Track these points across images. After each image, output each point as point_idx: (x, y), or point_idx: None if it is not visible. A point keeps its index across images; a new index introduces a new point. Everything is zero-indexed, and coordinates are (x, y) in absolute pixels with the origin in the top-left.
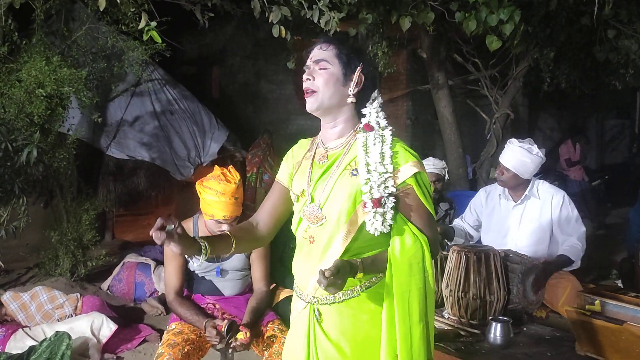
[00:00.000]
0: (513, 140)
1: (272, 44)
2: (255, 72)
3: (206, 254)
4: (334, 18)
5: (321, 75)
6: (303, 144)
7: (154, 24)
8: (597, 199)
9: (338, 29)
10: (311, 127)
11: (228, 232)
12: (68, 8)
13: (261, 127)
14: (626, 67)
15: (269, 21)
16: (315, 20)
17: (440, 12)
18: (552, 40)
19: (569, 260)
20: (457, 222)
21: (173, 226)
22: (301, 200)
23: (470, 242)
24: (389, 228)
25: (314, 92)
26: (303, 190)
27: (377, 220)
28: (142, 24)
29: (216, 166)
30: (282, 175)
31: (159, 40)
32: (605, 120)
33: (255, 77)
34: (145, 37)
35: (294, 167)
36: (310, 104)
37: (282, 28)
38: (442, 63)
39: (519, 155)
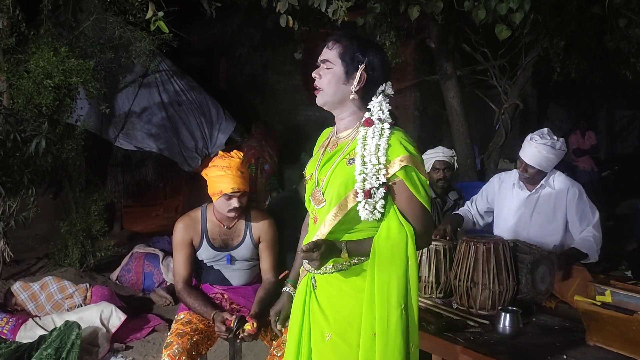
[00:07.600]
0: (535, 137)
1: (280, 34)
2: (263, 63)
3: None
4: (341, 7)
5: (325, 74)
6: (325, 132)
7: (161, 14)
8: (606, 190)
9: (346, 19)
10: (319, 118)
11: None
12: None
13: (269, 118)
14: (637, 56)
15: (277, 11)
16: (323, 10)
17: (449, 1)
18: (562, 29)
19: (581, 253)
20: (465, 208)
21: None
22: (309, 183)
23: (477, 228)
24: (379, 216)
25: (320, 89)
26: (312, 174)
27: (366, 209)
28: (149, 15)
29: (219, 151)
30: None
31: (166, 31)
32: (616, 111)
33: (262, 68)
34: (152, 28)
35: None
36: (317, 100)
37: (290, 18)
38: (450, 53)
39: (544, 152)
